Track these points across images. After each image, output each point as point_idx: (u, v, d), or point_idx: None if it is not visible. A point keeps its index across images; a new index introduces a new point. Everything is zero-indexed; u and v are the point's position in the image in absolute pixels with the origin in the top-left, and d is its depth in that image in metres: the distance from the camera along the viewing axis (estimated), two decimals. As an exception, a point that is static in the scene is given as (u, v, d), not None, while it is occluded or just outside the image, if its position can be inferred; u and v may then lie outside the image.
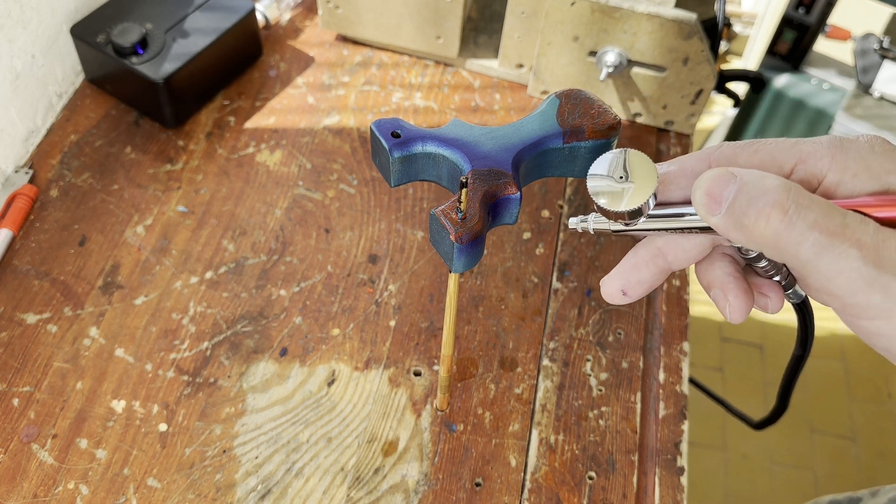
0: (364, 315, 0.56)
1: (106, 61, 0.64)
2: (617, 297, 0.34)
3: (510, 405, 0.53)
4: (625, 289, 0.34)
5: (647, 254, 0.33)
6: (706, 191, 0.28)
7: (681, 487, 0.50)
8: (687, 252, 0.33)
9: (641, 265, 0.33)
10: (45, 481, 0.48)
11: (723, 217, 0.28)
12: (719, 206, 0.28)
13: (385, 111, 0.69)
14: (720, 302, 0.33)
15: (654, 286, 0.34)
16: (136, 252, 0.59)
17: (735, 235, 0.28)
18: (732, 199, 0.28)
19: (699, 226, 0.31)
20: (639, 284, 0.33)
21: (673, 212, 0.32)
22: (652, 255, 0.33)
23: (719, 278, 0.33)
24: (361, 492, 0.49)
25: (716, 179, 0.28)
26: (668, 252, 0.33)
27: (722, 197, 0.28)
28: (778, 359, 1.57)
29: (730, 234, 0.28)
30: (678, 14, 0.61)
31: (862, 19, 1.57)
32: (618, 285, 0.34)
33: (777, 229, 0.27)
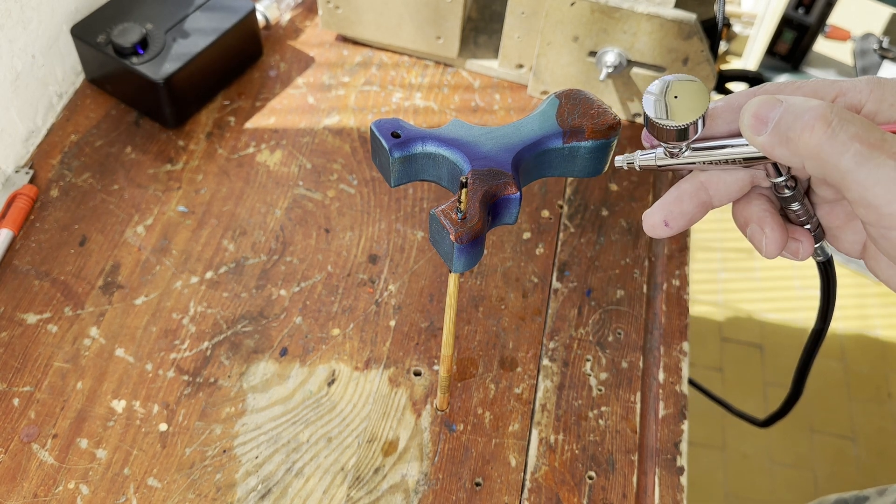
0: (364, 315, 0.56)
1: (106, 61, 0.64)
2: (659, 228, 0.35)
3: (510, 405, 0.53)
4: (667, 220, 0.35)
5: (691, 187, 0.35)
6: (753, 112, 0.31)
7: (680, 487, 0.50)
8: (728, 187, 0.35)
9: (685, 197, 0.35)
10: (46, 481, 0.48)
11: (768, 135, 0.30)
12: (765, 126, 0.30)
13: (385, 111, 0.69)
14: (756, 236, 0.34)
15: (694, 220, 0.35)
16: (137, 252, 0.59)
17: (780, 152, 0.30)
18: (778, 118, 0.30)
19: (743, 155, 0.33)
20: (681, 216, 0.35)
21: (718, 143, 0.34)
22: (695, 188, 0.35)
23: (756, 214, 0.35)
24: (361, 491, 0.49)
25: (763, 102, 0.31)
26: (710, 186, 0.35)
27: (768, 117, 0.30)
28: (778, 359, 1.57)
29: (775, 150, 0.30)
30: (678, 14, 0.61)
31: (861, 20, 1.57)
32: (660, 216, 0.35)
33: (820, 140, 0.29)
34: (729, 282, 1.68)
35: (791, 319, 1.63)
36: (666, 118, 0.32)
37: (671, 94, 0.32)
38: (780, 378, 1.54)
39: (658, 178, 0.66)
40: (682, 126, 0.32)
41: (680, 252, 0.62)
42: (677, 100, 0.32)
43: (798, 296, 1.67)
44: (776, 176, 0.33)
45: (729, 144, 0.33)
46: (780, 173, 0.33)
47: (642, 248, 0.61)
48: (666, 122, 0.32)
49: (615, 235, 0.62)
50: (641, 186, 0.65)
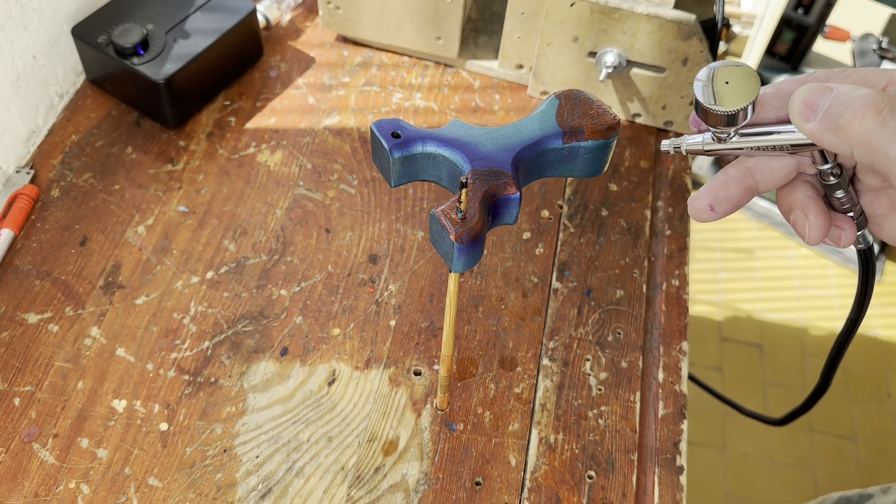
0: (364, 315, 0.56)
1: (107, 62, 0.64)
2: (705, 212, 0.36)
3: (510, 405, 0.53)
4: (713, 204, 0.36)
5: (738, 172, 0.36)
6: (803, 100, 0.31)
7: (680, 486, 0.51)
8: (774, 172, 0.35)
9: (731, 182, 0.35)
10: (46, 481, 0.48)
11: (818, 122, 0.31)
12: (815, 113, 0.31)
13: (385, 112, 0.69)
14: (800, 222, 0.35)
15: (740, 205, 0.36)
16: (137, 252, 0.59)
17: (829, 139, 0.31)
18: (828, 106, 0.30)
19: (791, 142, 0.33)
20: (727, 201, 0.35)
21: (766, 129, 0.34)
22: (742, 173, 0.35)
23: (801, 200, 0.35)
24: (362, 491, 0.49)
25: (813, 90, 0.31)
26: (756, 172, 0.35)
27: (818, 105, 0.30)
28: (777, 359, 1.58)
29: (824, 137, 0.31)
30: (677, 15, 0.61)
31: (861, 20, 1.57)
32: (706, 200, 0.36)
33: (870, 127, 0.29)
34: (728, 282, 1.69)
35: (790, 319, 1.63)
36: (715, 103, 0.32)
37: (721, 79, 0.33)
38: (779, 378, 1.54)
39: (658, 179, 0.66)
40: (732, 111, 0.32)
41: (679, 252, 0.62)
42: (728, 85, 0.32)
43: (798, 296, 1.68)
44: (822, 163, 0.34)
45: (777, 131, 0.34)
46: (826, 161, 0.34)
47: (642, 248, 0.61)
48: (716, 107, 0.32)
49: (615, 235, 0.62)
50: (641, 187, 0.65)
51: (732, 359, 1.57)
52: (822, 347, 1.59)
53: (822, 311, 1.65)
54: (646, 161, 0.67)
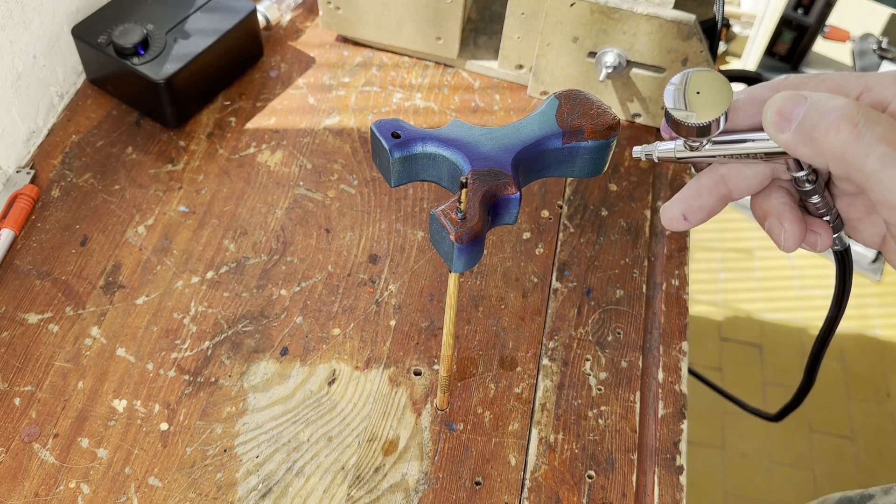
0: (364, 315, 0.57)
1: (107, 62, 0.64)
2: (678, 222, 0.35)
3: (510, 404, 0.53)
4: (686, 213, 0.35)
5: (710, 180, 0.35)
6: (777, 109, 0.30)
7: (680, 486, 0.51)
8: (748, 180, 0.35)
9: (704, 191, 0.35)
10: (47, 480, 0.48)
11: (792, 133, 0.30)
12: (789, 124, 0.30)
13: (385, 112, 0.69)
14: (775, 230, 0.34)
15: (713, 213, 0.35)
16: (138, 252, 0.59)
17: (803, 151, 0.30)
18: (803, 116, 0.29)
19: (765, 151, 0.32)
20: (700, 210, 0.35)
21: (740, 137, 0.33)
22: (715, 181, 0.35)
23: (775, 207, 0.34)
24: (362, 491, 0.49)
25: (787, 99, 0.30)
26: (730, 180, 0.35)
27: (792, 115, 0.30)
28: (777, 358, 1.58)
29: (798, 149, 0.30)
30: (677, 15, 0.61)
31: (861, 20, 1.57)
32: (679, 210, 0.35)
33: (846, 141, 0.28)
34: (728, 282, 1.69)
35: (790, 319, 1.63)
36: (687, 114, 0.31)
37: (693, 88, 0.32)
38: (779, 377, 1.54)
39: (658, 179, 0.67)
40: (703, 123, 0.31)
41: (679, 252, 0.62)
42: (699, 95, 0.32)
43: (797, 296, 1.68)
44: (797, 170, 0.33)
45: (751, 139, 0.33)
46: (801, 168, 0.33)
47: (642, 248, 0.61)
48: (686, 120, 0.31)
49: (615, 235, 0.62)
50: (641, 187, 0.65)
51: (732, 359, 1.57)
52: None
53: (821, 312, 1.65)
54: (645, 161, 0.67)
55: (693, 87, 0.32)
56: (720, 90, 0.32)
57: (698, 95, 0.32)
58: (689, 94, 0.32)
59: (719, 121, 0.31)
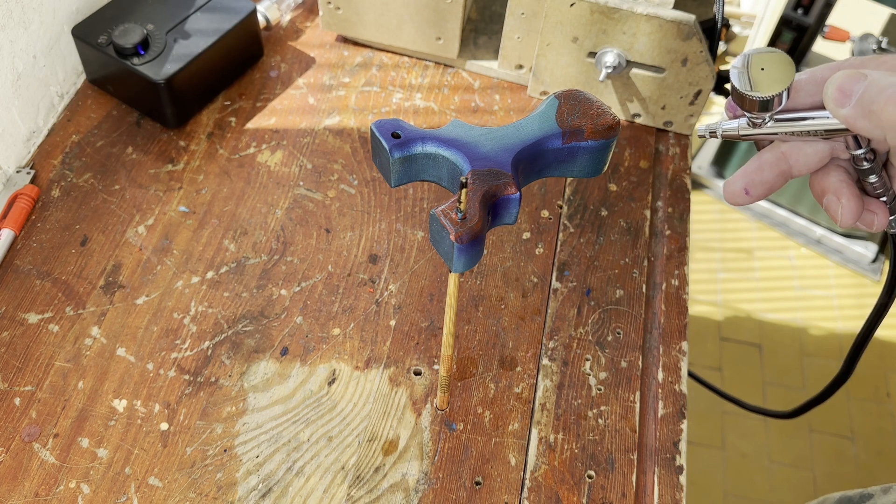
0: (364, 315, 0.57)
1: (107, 62, 0.64)
2: (740, 195, 0.37)
3: (510, 404, 0.53)
4: (748, 187, 0.36)
5: (772, 157, 0.36)
6: (838, 86, 0.32)
7: (680, 486, 0.51)
8: (808, 157, 0.36)
9: (765, 167, 0.36)
10: (47, 480, 0.48)
11: (852, 108, 0.31)
12: (849, 99, 0.31)
13: (385, 112, 0.69)
14: (833, 206, 0.35)
15: (774, 189, 0.37)
16: (138, 252, 0.59)
17: (862, 124, 0.31)
18: (863, 92, 0.31)
19: (825, 128, 0.34)
20: (761, 184, 0.36)
21: (800, 115, 0.35)
22: (776, 158, 0.36)
23: (834, 184, 0.36)
24: (362, 490, 0.49)
25: (847, 76, 0.32)
26: (791, 156, 0.36)
27: (853, 91, 0.31)
28: (777, 358, 1.58)
29: (858, 123, 0.31)
30: (677, 15, 0.61)
31: (860, 20, 1.57)
32: (741, 184, 0.37)
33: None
34: (728, 282, 1.69)
35: (790, 319, 1.63)
36: (751, 89, 0.33)
37: (757, 65, 0.33)
38: (778, 378, 1.55)
39: (657, 179, 0.67)
40: (767, 97, 0.33)
41: (679, 252, 0.62)
42: (763, 72, 0.33)
43: (797, 296, 1.68)
44: (856, 148, 0.34)
45: (811, 116, 0.34)
46: (859, 145, 0.34)
47: (641, 248, 0.61)
48: (752, 92, 0.33)
49: (614, 235, 0.62)
50: (640, 187, 0.65)
51: (732, 359, 1.57)
52: (822, 348, 1.59)
53: (821, 312, 1.66)
54: (645, 161, 0.67)
55: (757, 65, 0.33)
56: (783, 68, 0.33)
57: (762, 72, 0.33)
58: (753, 71, 0.33)
59: (782, 96, 0.33)
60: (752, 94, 0.33)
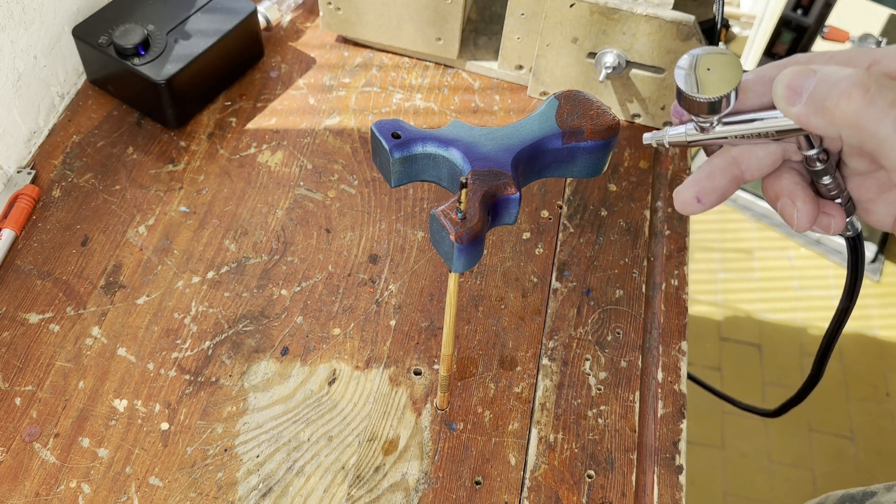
0: (364, 314, 0.57)
1: (108, 62, 0.64)
2: (691, 204, 0.35)
3: (510, 404, 0.53)
4: (699, 195, 0.35)
5: (723, 162, 0.35)
6: (787, 83, 0.30)
7: (679, 486, 0.51)
8: (760, 161, 0.35)
9: (717, 173, 0.35)
10: (48, 480, 0.48)
11: (804, 105, 0.30)
12: (800, 97, 0.30)
13: (385, 112, 0.70)
14: (787, 209, 0.34)
15: (726, 195, 0.35)
16: (138, 252, 0.59)
17: (815, 122, 0.30)
18: (814, 88, 0.29)
19: (776, 128, 0.33)
20: (713, 191, 0.35)
21: (750, 117, 0.33)
22: (727, 163, 0.35)
23: (787, 187, 0.34)
24: (362, 490, 0.49)
25: (797, 73, 0.30)
26: (742, 161, 0.35)
27: (803, 88, 0.30)
28: (776, 358, 1.58)
29: (810, 120, 0.30)
30: (677, 16, 0.61)
31: (860, 21, 1.57)
32: (692, 192, 0.35)
33: (858, 107, 0.28)
34: (728, 282, 1.69)
35: (789, 319, 1.64)
36: (697, 91, 0.32)
37: (703, 66, 0.32)
38: (778, 377, 1.55)
39: (657, 179, 0.67)
40: (714, 99, 0.31)
41: (679, 252, 0.62)
42: (710, 72, 0.32)
43: (796, 296, 1.68)
44: (808, 148, 0.33)
45: (761, 117, 0.33)
46: (812, 146, 0.33)
47: (641, 248, 0.62)
48: (698, 95, 0.32)
49: (614, 235, 0.62)
50: (640, 187, 0.65)
51: (731, 358, 1.57)
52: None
53: (820, 312, 1.66)
54: (645, 161, 0.67)
55: (703, 65, 0.32)
56: (731, 68, 0.32)
57: (709, 72, 0.32)
58: (699, 72, 0.32)
59: (730, 97, 0.32)
60: (698, 97, 0.32)
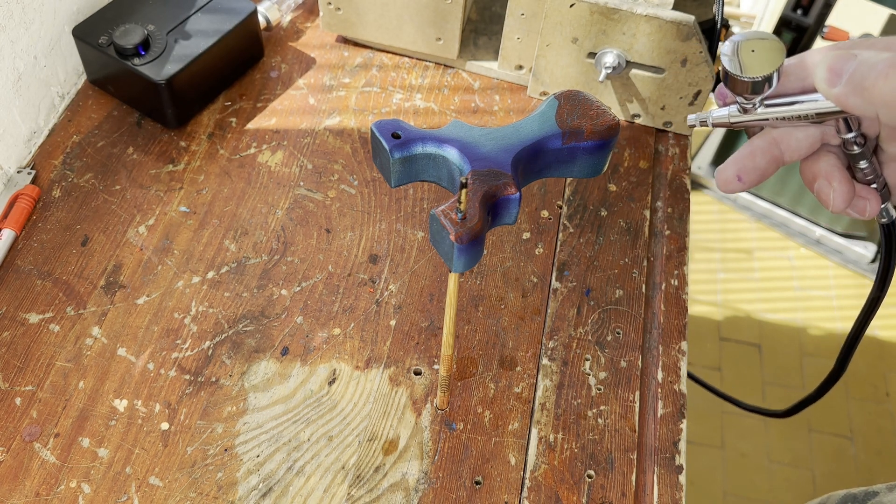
0: (364, 314, 0.57)
1: (108, 62, 0.64)
2: (732, 182, 0.37)
3: (510, 404, 0.53)
4: (740, 174, 0.36)
5: (763, 143, 0.36)
6: (828, 66, 0.32)
7: (679, 486, 0.51)
8: (799, 142, 0.36)
9: (757, 153, 0.36)
10: (48, 480, 0.48)
11: (843, 86, 0.31)
12: (840, 78, 0.31)
13: (385, 112, 0.70)
14: (824, 190, 0.36)
15: (766, 175, 0.36)
16: (139, 252, 0.59)
17: (854, 102, 0.31)
18: (853, 70, 0.31)
19: (815, 111, 0.34)
20: (753, 171, 0.36)
21: (791, 99, 0.35)
22: (768, 143, 0.36)
23: (824, 169, 0.36)
24: (362, 490, 0.49)
25: (837, 56, 0.32)
26: (782, 142, 0.36)
27: (843, 70, 0.31)
28: (776, 358, 1.58)
29: (849, 101, 0.31)
30: (677, 16, 0.61)
31: (860, 21, 1.57)
32: (733, 171, 0.36)
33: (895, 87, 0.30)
34: (728, 282, 1.69)
35: (789, 319, 1.64)
36: (742, 72, 0.33)
37: (747, 49, 0.34)
38: (778, 377, 1.55)
39: (657, 179, 0.67)
40: (758, 78, 0.33)
41: (679, 252, 0.62)
42: (753, 54, 0.33)
43: (797, 296, 1.68)
44: (846, 132, 0.35)
45: (801, 100, 0.34)
46: (850, 129, 0.34)
47: (641, 248, 0.62)
48: (743, 75, 0.33)
49: (614, 235, 0.62)
50: (640, 187, 0.65)
51: (731, 358, 1.57)
52: (821, 348, 1.59)
53: (820, 312, 1.66)
54: (645, 161, 0.67)
55: (747, 48, 0.34)
56: (773, 51, 0.33)
57: (753, 54, 0.33)
58: (743, 54, 0.33)
59: (772, 78, 0.33)
60: (743, 76, 0.33)
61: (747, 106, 0.35)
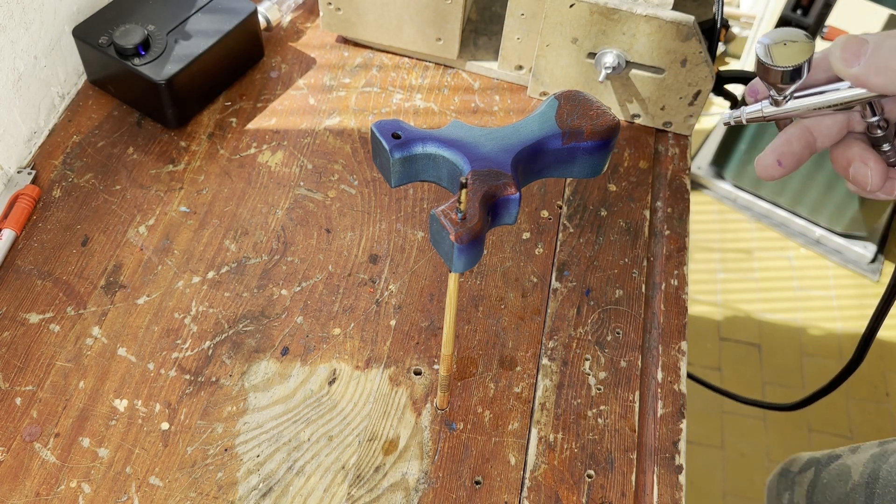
0: (365, 314, 0.57)
1: (108, 62, 0.65)
2: (773, 168, 0.40)
3: (510, 404, 0.53)
4: (780, 159, 0.39)
5: (797, 130, 0.40)
6: (843, 46, 0.35)
7: (679, 485, 0.51)
8: (829, 129, 0.39)
9: (793, 140, 0.39)
10: (48, 480, 0.48)
11: (862, 66, 0.34)
12: (857, 59, 0.34)
13: (385, 112, 0.70)
14: (861, 171, 0.38)
15: (802, 161, 0.40)
16: (139, 252, 0.59)
17: (875, 80, 0.34)
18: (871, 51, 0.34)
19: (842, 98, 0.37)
20: (791, 156, 0.39)
21: (818, 90, 0.38)
22: (801, 131, 0.40)
23: (858, 153, 0.39)
24: (362, 490, 0.49)
25: (850, 38, 0.35)
26: (813, 129, 0.39)
27: (860, 51, 0.34)
28: (776, 358, 1.58)
29: (870, 79, 0.34)
30: (676, 16, 0.61)
31: (860, 21, 1.57)
32: (773, 157, 0.40)
33: None
34: (728, 282, 1.69)
35: (789, 319, 1.64)
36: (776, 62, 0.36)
37: (780, 42, 0.37)
38: (778, 377, 1.55)
39: (657, 179, 0.67)
40: (791, 67, 0.36)
41: (678, 252, 0.62)
42: (785, 47, 0.36)
43: (796, 296, 1.68)
44: (871, 116, 0.38)
45: (829, 90, 0.38)
46: (874, 113, 0.38)
47: (641, 248, 0.62)
48: (778, 65, 0.36)
49: (614, 235, 0.62)
50: (640, 187, 0.65)
51: (731, 358, 1.57)
52: (821, 348, 1.59)
53: (820, 312, 1.66)
54: (645, 161, 0.67)
55: (780, 42, 0.37)
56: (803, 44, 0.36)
57: (784, 47, 0.36)
58: (775, 48, 0.36)
59: (803, 67, 0.36)
60: (777, 66, 0.36)
61: (779, 98, 0.39)
